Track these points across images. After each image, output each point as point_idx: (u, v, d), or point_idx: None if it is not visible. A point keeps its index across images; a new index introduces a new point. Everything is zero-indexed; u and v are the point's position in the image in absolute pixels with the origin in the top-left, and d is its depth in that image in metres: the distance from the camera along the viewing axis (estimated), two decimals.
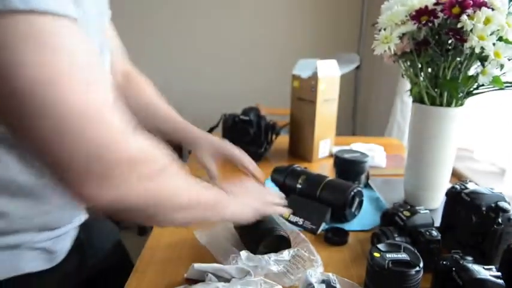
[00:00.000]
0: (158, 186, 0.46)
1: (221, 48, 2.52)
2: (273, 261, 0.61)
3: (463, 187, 0.70)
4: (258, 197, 0.69)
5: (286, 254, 0.63)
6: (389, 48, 0.74)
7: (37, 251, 0.57)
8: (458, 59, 0.74)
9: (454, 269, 0.53)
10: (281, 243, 0.67)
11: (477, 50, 0.68)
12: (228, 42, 2.53)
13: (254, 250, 0.65)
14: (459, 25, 0.68)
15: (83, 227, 0.67)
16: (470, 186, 0.69)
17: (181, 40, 2.50)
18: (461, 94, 0.76)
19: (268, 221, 0.69)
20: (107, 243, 0.78)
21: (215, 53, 2.49)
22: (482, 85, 0.73)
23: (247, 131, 1.20)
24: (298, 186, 0.88)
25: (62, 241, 0.61)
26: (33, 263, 0.57)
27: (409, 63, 0.80)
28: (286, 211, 0.76)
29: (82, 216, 0.66)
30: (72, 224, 0.63)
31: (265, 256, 0.62)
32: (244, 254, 0.62)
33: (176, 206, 0.50)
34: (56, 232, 0.59)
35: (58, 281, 0.62)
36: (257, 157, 1.20)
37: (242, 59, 2.56)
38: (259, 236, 0.65)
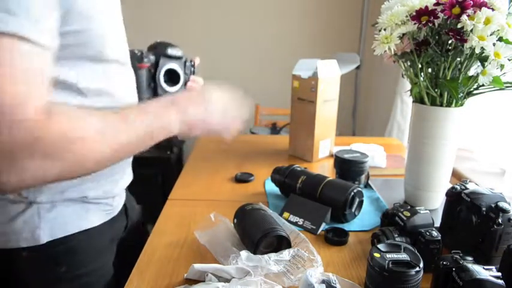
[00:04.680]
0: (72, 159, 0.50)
1: (221, 48, 2.52)
2: (273, 261, 0.61)
3: (463, 187, 0.70)
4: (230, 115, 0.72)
5: (286, 254, 0.63)
6: (389, 49, 0.74)
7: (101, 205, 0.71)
8: (458, 59, 0.74)
9: (454, 269, 0.53)
10: (281, 243, 0.67)
11: (477, 50, 0.68)
12: (228, 42, 2.53)
13: (254, 250, 0.65)
14: (459, 25, 0.68)
15: (127, 195, 0.83)
16: (470, 187, 0.69)
17: (180, 40, 2.49)
18: (461, 94, 0.76)
19: (268, 221, 0.69)
20: (136, 216, 0.89)
21: (215, 53, 2.48)
22: (483, 85, 0.73)
23: None
24: (298, 186, 0.88)
25: (118, 199, 0.77)
26: (95, 217, 0.70)
27: (409, 63, 0.80)
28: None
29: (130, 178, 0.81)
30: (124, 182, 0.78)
31: (265, 256, 0.61)
32: (244, 254, 0.62)
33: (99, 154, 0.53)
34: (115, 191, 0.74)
35: (112, 237, 0.76)
36: None
37: (242, 59, 2.56)
38: (259, 236, 0.65)
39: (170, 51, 0.88)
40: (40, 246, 0.64)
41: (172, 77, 0.88)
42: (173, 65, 0.88)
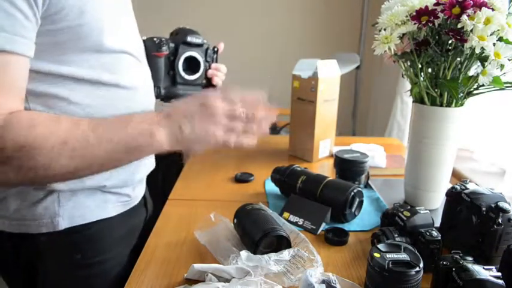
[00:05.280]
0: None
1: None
2: (273, 261, 0.61)
3: (463, 187, 0.70)
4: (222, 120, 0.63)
5: (286, 254, 0.63)
6: (389, 49, 0.74)
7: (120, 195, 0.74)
8: (458, 59, 0.74)
9: (454, 269, 0.53)
10: (281, 243, 0.67)
11: (477, 50, 0.68)
12: (228, 42, 2.52)
13: (254, 250, 0.65)
14: (459, 25, 0.68)
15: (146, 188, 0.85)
16: (471, 187, 0.69)
17: None
18: (461, 94, 0.76)
19: (268, 221, 0.69)
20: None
21: None
22: (483, 85, 0.73)
23: None
24: (298, 186, 0.88)
25: (138, 189, 0.80)
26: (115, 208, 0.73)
27: (409, 63, 0.80)
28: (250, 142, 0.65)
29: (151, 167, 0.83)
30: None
31: (265, 256, 0.61)
32: (244, 254, 0.62)
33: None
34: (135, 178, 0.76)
35: (130, 228, 0.78)
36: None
37: (242, 59, 2.56)
38: (259, 236, 0.65)
39: (190, 38, 0.86)
40: (59, 232, 0.66)
41: (192, 65, 0.86)
42: (193, 53, 0.86)
